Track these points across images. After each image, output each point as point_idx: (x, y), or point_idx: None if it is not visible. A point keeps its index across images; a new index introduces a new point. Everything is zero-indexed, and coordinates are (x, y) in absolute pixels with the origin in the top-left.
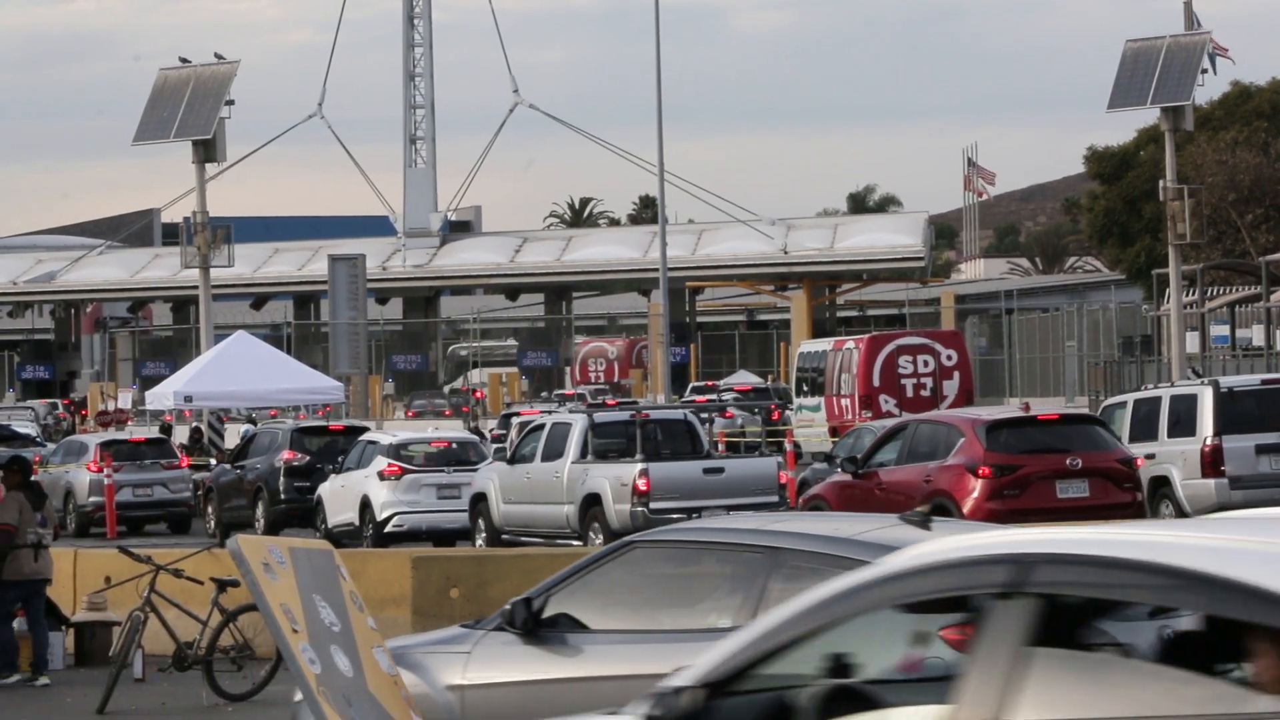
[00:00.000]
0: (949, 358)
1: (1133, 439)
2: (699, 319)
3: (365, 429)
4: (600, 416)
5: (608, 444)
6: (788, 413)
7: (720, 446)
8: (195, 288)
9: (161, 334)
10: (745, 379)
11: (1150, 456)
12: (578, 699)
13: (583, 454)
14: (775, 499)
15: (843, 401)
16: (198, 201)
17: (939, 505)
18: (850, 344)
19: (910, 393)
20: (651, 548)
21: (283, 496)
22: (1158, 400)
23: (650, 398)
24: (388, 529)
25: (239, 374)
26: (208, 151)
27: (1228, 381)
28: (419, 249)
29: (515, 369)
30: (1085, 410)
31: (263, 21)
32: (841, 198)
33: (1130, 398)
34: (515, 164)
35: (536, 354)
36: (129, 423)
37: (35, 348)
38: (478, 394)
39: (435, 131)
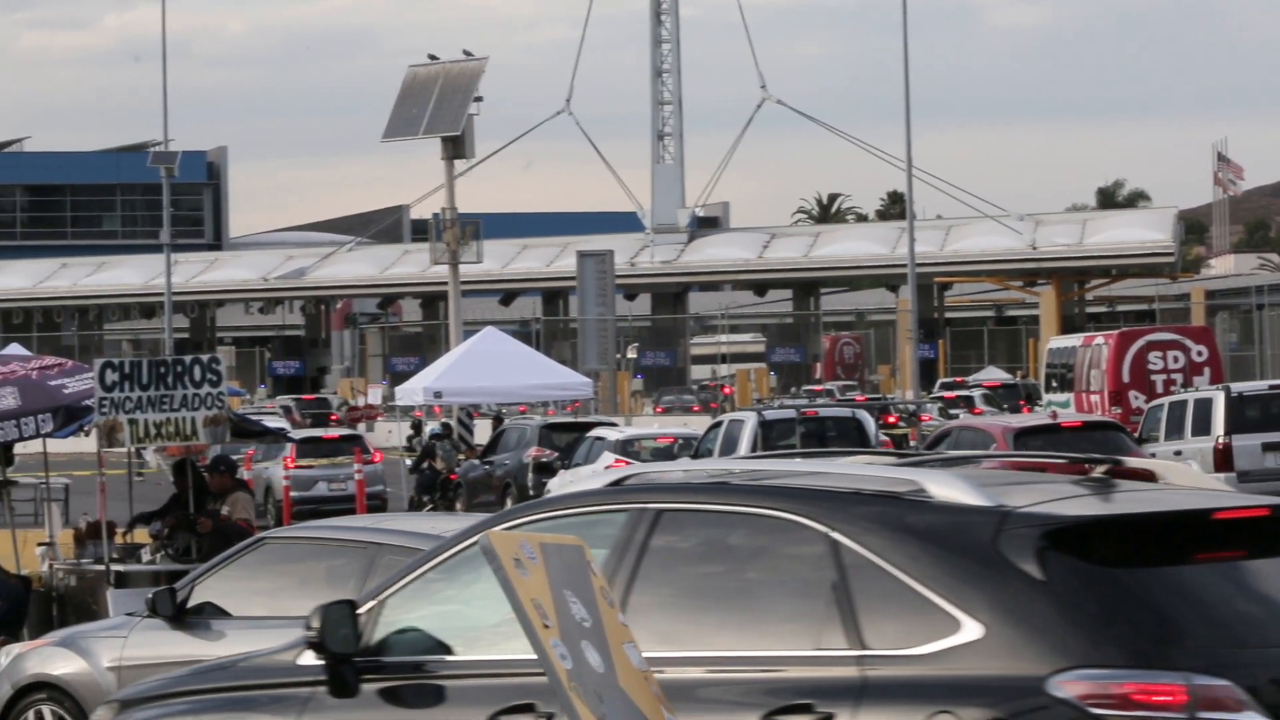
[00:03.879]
0: (1199, 354)
1: (1167, 437)
2: (947, 315)
3: (613, 424)
4: (770, 414)
5: (776, 440)
6: (1037, 409)
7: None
8: (444, 284)
9: (411, 330)
10: (994, 375)
11: (1178, 453)
12: None
13: (753, 449)
14: None
15: (1092, 398)
16: (447, 198)
17: None
18: (1100, 340)
19: (1160, 389)
20: (279, 543)
21: (531, 492)
22: (1185, 403)
23: (899, 394)
24: None
25: (488, 370)
26: (456, 148)
27: (1238, 387)
28: (667, 245)
29: (764, 364)
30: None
31: (516, 18)
32: (1090, 193)
33: (1167, 400)
34: (763, 160)
35: (785, 349)
36: (379, 418)
37: (286, 343)
38: (726, 389)
39: (683, 128)
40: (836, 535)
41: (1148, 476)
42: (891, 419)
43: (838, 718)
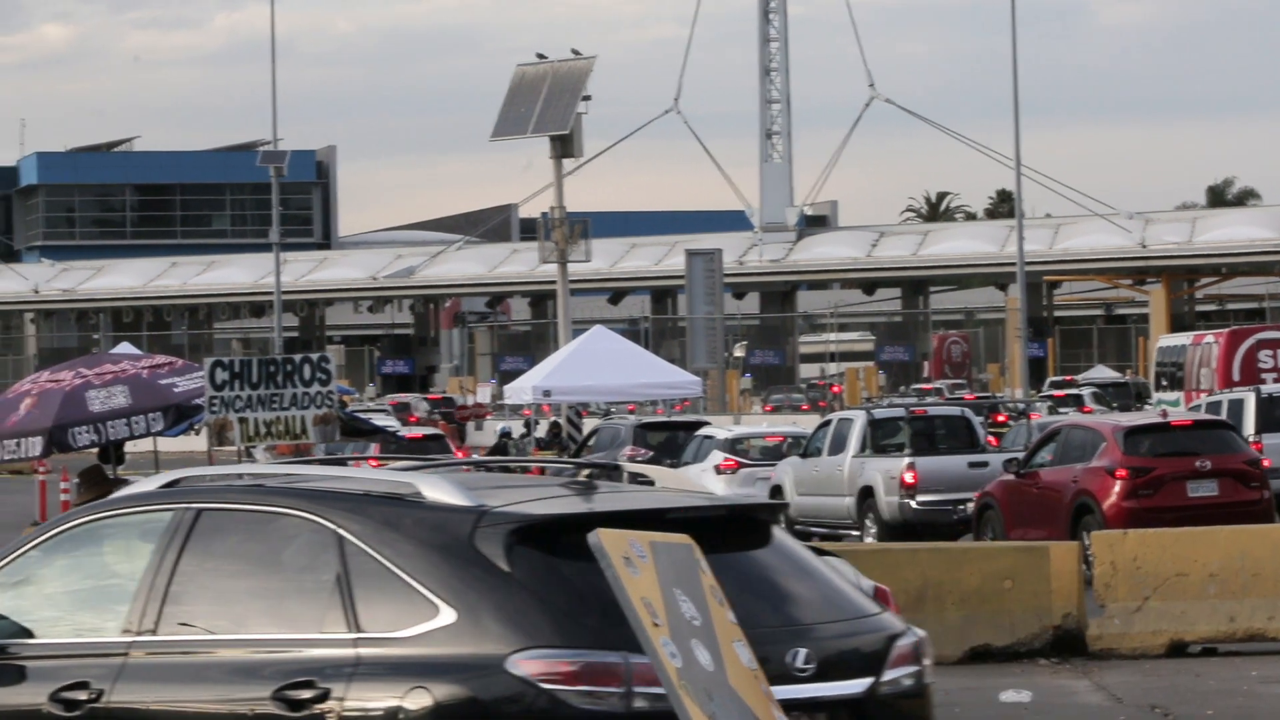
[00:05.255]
0: None
1: None
2: (1056, 313)
3: (705, 424)
4: (879, 413)
5: (885, 439)
6: (1147, 407)
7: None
8: (553, 282)
9: (520, 329)
10: (1103, 374)
11: None
12: None
13: (862, 448)
14: None
15: (1202, 396)
16: (555, 197)
17: (1083, 504)
18: (1209, 338)
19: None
20: None
21: None
22: (1219, 404)
23: (1008, 392)
24: None
25: (597, 369)
26: (565, 147)
27: (1269, 389)
28: (775, 243)
29: (872, 363)
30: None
31: (624, 17)
32: (1200, 191)
33: (1205, 400)
34: (871, 158)
35: (893, 348)
36: (487, 417)
37: (395, 342)
38: (835, 388)
39: (791, 126)
40: (342, 532)
41: (646, 480)
42: (1001, 417)
43: (334, 692)
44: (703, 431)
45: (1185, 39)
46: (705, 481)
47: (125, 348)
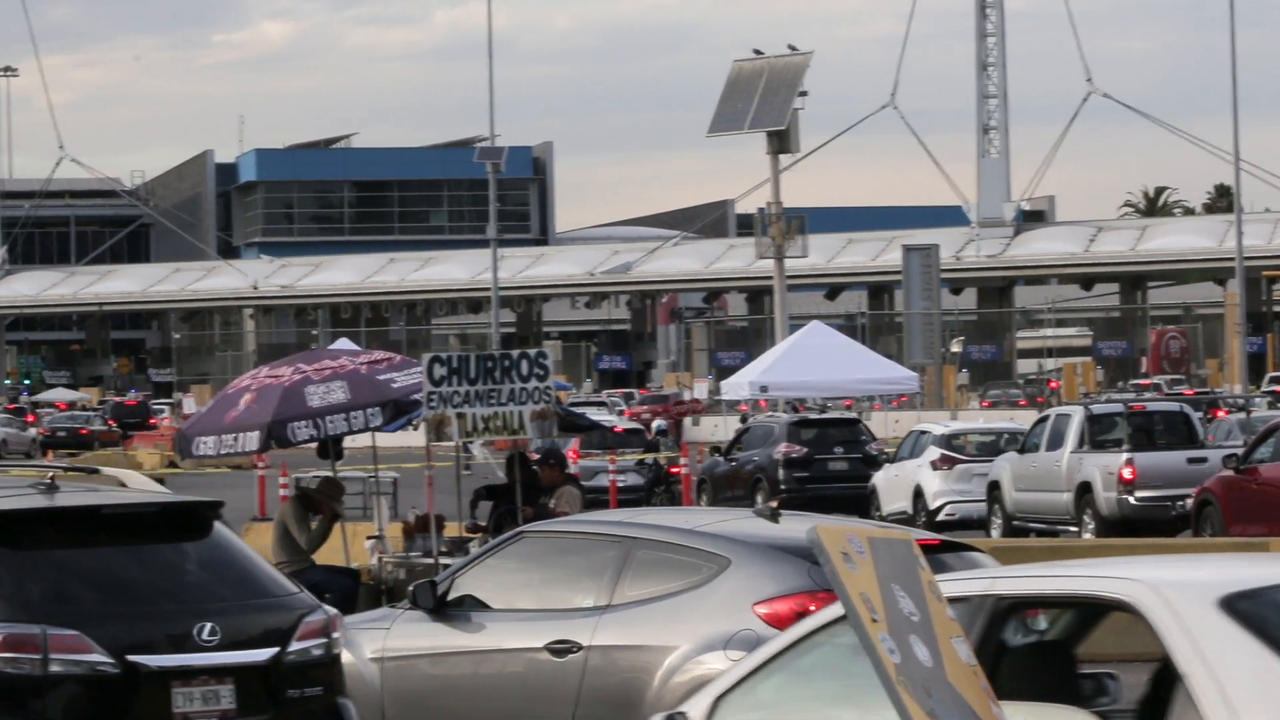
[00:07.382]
0: None
1: None
2: (1276, 308)
3: (856, 421)
4: (1097, 408)
5: (1103, 434)
6: None
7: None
8: (770, 278)
9: (736, 324)
10: None
11: None
12: (473, 666)
13: (1080, 444)
14: None
15: None
16: (772, 192)
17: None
18: None
19: None
20: (539, 537)
21: (783, 487)
22: None
23: (1227, 388)
24: (940, 517)
25: (814, 364)
26: (781, 142)
27: None
28: (992, 239)
29: (1090, 358)
30: None
31: (840, 13)
32: None
33: None
34: (1088, 153)
35: (1111, 343)
36: (702, 413)
37: (612, 338)
38: (1052, 383)
39: (1008, 121)
40: None
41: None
42: (1220, 413)
43: None
44: (918, 427)
45: None
46: (921, 476)
47: (344, 343)
